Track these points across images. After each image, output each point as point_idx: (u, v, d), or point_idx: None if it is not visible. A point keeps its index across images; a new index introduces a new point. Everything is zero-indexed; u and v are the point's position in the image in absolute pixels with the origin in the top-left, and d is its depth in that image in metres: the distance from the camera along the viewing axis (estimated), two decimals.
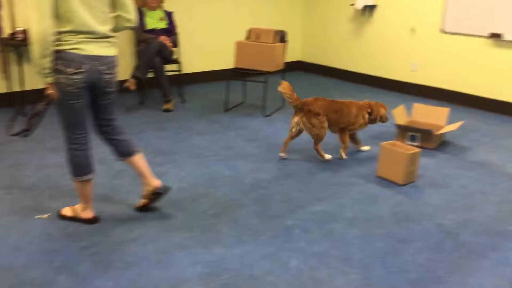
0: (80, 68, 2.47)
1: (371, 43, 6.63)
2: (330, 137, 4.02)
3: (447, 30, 5.71)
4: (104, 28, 2.56)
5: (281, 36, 5.25)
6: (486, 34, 5.33)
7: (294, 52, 7.63)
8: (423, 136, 4.18)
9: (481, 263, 2.53)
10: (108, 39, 2.60)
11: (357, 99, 4.16)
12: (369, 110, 3.94)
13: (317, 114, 3.74)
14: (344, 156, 3.93)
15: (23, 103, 4.69)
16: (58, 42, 2.42)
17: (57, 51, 2.43)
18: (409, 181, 3.49)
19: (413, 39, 6.10)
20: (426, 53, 6.00)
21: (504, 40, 5.22)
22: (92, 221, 2.82)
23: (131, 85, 4.89)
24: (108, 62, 2.59)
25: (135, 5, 2.92)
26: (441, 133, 4.21)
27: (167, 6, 5.94)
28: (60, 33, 2.42)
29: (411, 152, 3.40)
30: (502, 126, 4.98)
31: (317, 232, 2.79)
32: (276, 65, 5.06)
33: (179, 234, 2.74)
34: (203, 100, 5.69)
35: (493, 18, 5.23)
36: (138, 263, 2.46)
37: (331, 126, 3.88)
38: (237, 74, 5.27)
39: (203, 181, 3.45)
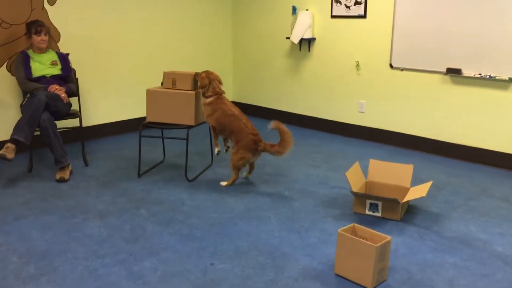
0: None
1: (311, 81, 5.80)
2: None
3: (396, 66, 4.97)
4: None
5: None
6: (443, 70, 4.63)
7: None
8: (386, 205, 3.30)
9: None
10: None
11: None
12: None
13: None
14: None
15: None
16: None
17: None
18: (379, 281, 2.55)
19: (359, 76, 5.32)
20: (374, 92, 5.23)
21: (463, 76, 4.52)
22: None
23: (9, 152, 3.71)
24: None
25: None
26: (407, 201, 3.35)
27: (62, 47, 4.84)
28: None
29: (380, 244, 2.47)
30: (471, 178, 4.21)
31: None
32: (197, 117, 4.03)
33: None
34: (111, 161, 4.56)
35: (450, 51, 4.54)
36: None
37: None
38: (152, 128, 4.22)
39: None
